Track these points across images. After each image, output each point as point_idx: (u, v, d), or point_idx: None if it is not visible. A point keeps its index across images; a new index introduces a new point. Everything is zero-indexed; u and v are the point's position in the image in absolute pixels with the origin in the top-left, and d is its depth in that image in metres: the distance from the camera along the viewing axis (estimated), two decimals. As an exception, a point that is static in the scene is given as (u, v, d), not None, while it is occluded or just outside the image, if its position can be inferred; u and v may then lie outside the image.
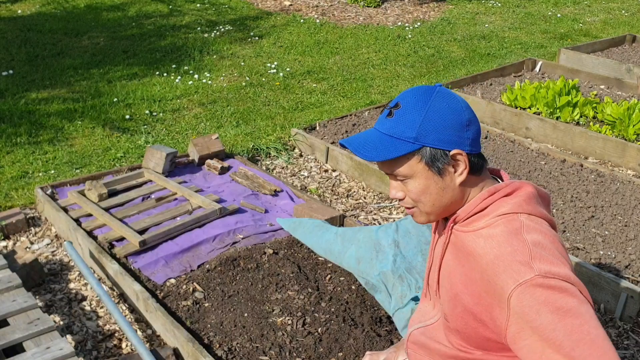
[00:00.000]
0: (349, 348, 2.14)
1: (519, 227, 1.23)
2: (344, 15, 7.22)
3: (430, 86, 1.30)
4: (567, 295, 1.13)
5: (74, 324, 2.33)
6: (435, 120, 1.25)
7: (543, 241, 1.21)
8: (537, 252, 1.18)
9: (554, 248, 1.22)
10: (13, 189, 3.19)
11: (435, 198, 1.30)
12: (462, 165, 1.26)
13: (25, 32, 5.88)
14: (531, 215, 1.26)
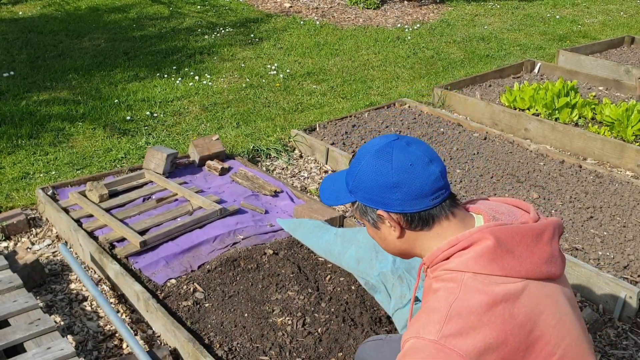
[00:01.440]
0: (349, 348, 2.15)
1: (456, 288, 1.22)
2: (343, 17, 7.24)
3: (388, 139, 1.34)
4: None
5: (74, 324, 2.34)
6: (362, 179, 1.32)
7: (469, 309, 1.19)
8: (453, 318, 1.18)
9: (479, 317, 1.18)
10: (14, 190, 3.20)
11: (383, 245, 1.39)
12: (389, 224, 1.32)
13: (27, 33, 5.90)
14: (477, 274, 1.23)
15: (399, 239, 1.34)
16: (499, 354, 1.17)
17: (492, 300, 1.20)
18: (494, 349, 1.16)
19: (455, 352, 1.14)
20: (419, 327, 1.20)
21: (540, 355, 1.21)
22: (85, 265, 2.70)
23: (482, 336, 1.16)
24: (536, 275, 1.26)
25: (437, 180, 1.30)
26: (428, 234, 1.32)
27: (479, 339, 1.16)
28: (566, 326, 1.27)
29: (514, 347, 1.18)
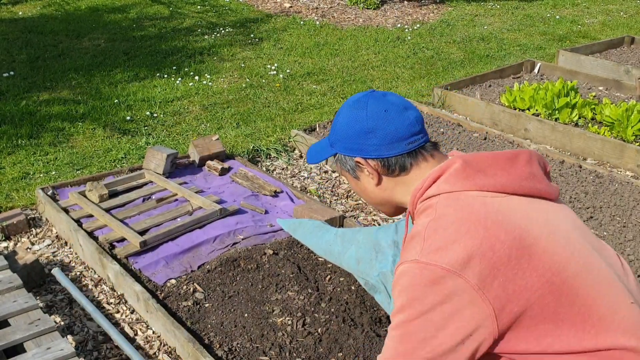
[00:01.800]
0: (349, 348, 2.15)
1: (431, 211, 1.21)
2: (343, 17, 7.24)
3: (363, 93, 1.39)
4: (430, 290, 1.11)
5: (74, 325, 2.34)
6: (339, 129, 1.37)
7: (445, 224, 1.16)
8: (430, 235, 1.16)
9: (456, 228, 1.14)
10: (14, 190, 3.20)
11: (364, 196, 1.42)
12: (366, 171, 1.35)
13: (27, 33, 5.90)
14: (451, 193, 1.21)
15: (377, 186, 1.36)
16: (487, 262, 1.11)
17: (469, 211, 1.17)
18: (480, 256, 1.11)
19: (438, 267, 1.12)
20: (403, 256, 1.19)
21: (541, 263, 1.13)
22: (85, 266, 2.70)
23: (462, 246, 1.12)
24: (517, 190, 1.22)
25: (412, 125, 1.31)
26: (406, 178, 1.33)
27: (461, 249, 1.12)
28: (570, 242, 1.19)
29: (504, 254, 1.12)
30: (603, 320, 1.14)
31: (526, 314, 1.11)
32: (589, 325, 1.13)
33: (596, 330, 1.13)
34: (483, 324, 1.11)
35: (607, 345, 1.13)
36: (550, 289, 1.12)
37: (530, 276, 1.11)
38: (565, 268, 1.14)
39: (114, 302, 2.47)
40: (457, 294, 1.10)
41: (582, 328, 1.13)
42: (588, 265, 1.17)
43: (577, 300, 1.13)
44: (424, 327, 1.11)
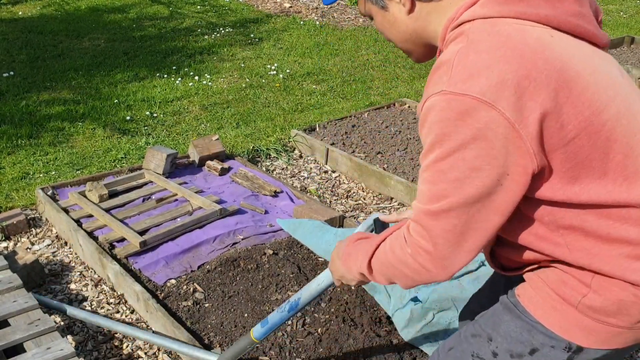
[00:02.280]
0: (349, 348, 2.15)
1: (463, 38, 1.05)
2: (343, 17, 7.24)
3: None
4: (461, 124, 0.98)
5: (74, 325, 2.34)
6: None
7: (478, 49, 1.01)
8: (460, 62, 1.01)
9: (490, 54, 1.00)
10: (14, 190, 3.20)
11: (392, 32, 1.23)
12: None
13: (26, 33, 5.90)
14: (486, 19, 1.06)
15: (409, 14, 1.17)
16: (520, 89, 0.97)
17: (505, 37, 1.02)
18: (514, 84, 0.97)
19: (469, 96, 0.98)
20: (428, 91, 1.05)
21: (581, 100, 1.01)
22: (85, 266, 2.70)
23: (497, 73, 0.98)
24: (562, 25, 1.06)
25: None
26: (441, 4, 1.13)
27: (494, 76, 0.98)
28: (615, 85, 1.06)
29: (541, 83, 0.98)
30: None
31: (558, 155, 1.01)
32: (623, 176, 1.03)
33: (629, 182, 1.03)
34: (521, 163, 0.99)
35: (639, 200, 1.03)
36: (587, 129, 1.00)
37: (567, 112, 0.99)
38: (606, 109, 1.02)
39: (113, 302, 2.47)
40: (490, 128, 0.97)
41: (615, 178, 1.03)
42: (632, 112, 1.06)
43: (614, 147, 1.02)
44: (456, 165, 1.00)
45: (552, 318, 1.13)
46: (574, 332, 1.13)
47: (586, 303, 1.10)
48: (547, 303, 1.14)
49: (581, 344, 1.13)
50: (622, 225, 1.05)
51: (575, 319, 1.12)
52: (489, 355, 1.22)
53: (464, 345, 1.27)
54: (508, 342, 1.19)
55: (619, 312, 1.08)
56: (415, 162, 3.60)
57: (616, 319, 1.09)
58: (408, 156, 3.68)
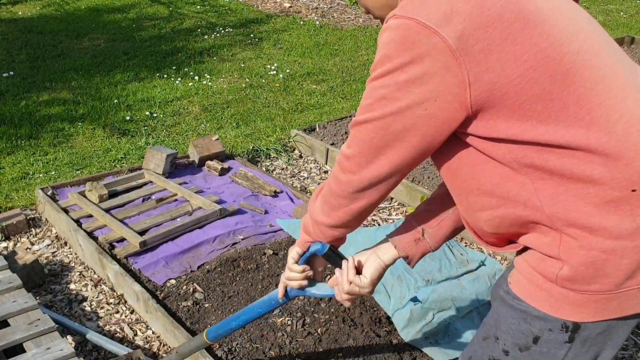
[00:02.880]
0: (349, 348, 2.15)
1: None
2: (343, 17, 7.24)
3: None
4: (402, 47, 0.99)
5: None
6: None
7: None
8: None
9: None
10: (14, 190, 3.20)
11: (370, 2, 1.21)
12: None
13: (26, 33, 5.90)
14: None
15: None
16: (472, 20, 0.97)
17: None
18: (466, 14, 0.97)
19: (413, 20, 0.98)
20: None
21: (537, 31, 0.98)
22: (84, 266, 2.70)
23: (449, 0, 0.98)
24: None
25: None
26: None
27: (445, 3, 0.98)
28: (579, 23, 1.04)
29: (495, 13, 0.97)
30: (603, 107, 0.99)
31: (510, 88, 0.98)
32: (584, 111, 0.99)
33: (591, 118, 0.99)
34: (452, 92, 0.99)
35: (602, 141, 0.98)
36: (543, 61, 0.97)
37: (521, 43, 0.97)
38: (567, 42, 0.99)
39: (113, 302, 2.47)
40: (430, 55, 0.98)
41: (575, 113, 0.99)
42: (595, 48, 1.02)
43: (575, 81, 0.98)
44: (386, 84, 1.03)
45: (541, 298, 1.11)
46: (564, 310, 1.09)
47: (562, 276, 1.06)
48: (532, 283, 1.11)
49: (575, 320, 1.09)
50: (586, 164, 0.99)
51: (561, 295, 1.08)
52: (502, 355, 1.21)
53: (480, 351, 1.26)
54: (512, 336, 1.18)
55: (596, 275, 1.03)
56: (415, 162, 3.60)
57: (598, 285, 1.04)
58: (408, 156, 3.68)
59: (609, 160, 0.98)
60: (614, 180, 0.98)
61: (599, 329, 1.10)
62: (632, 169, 0.98)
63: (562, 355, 1.13)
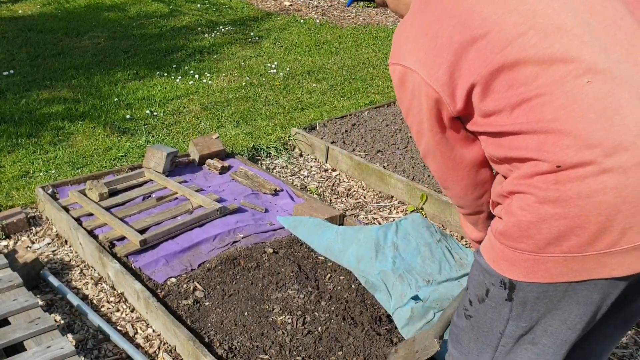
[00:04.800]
0: (349, 347, 2.15)
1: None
2: (343, 16, 7.24)
3: None
4: (402, 89, 1.26)
5: (74, 323, 2.34)
6: None
7: (405, 18, 1.26)
8: (395, 34, 1.27)
9: (409, 22, 1.24)
10: (14, 189, 3.20)
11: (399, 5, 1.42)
12: None
13: (26, 32, 5.89)
14: None
15: None
16: (431, 52, 1.18)
17: (424, 4, 1.23)
18: (426, 49, 1.19)
19: (397, 65, 1.25)
20: None
21: (483, 46, 1.14)
22: (85, 264, 2.70)
23: (412, 40, 1.23)
24: None
25: None
26: None
27: (410, 44, 1.23)
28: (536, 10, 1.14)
29: (446, 41, 1.17)
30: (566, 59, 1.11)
31: (476, 90, 1.17)
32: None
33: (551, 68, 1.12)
34: (440, 107, 1.23)
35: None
36: (491, 68, 1.14)
37: (473, 58, 1.15)
38: (508, 46, 1.13)
39: (114, 301, 2.47)
40: (416, 88, 1.22)
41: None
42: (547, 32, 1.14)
43: (521, 79, 1.13)
44: (412, 121, 1.31)
45: (488, 253, 1.26)
46: (501, 264, 1.22)
47: (498, 230, 1.21)
48: (487, 240, 1.27)
49: (510, 276, 1.21)
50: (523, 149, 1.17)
51: (500, 251, 1.21)
52: (468, 305, 1.37)
53: (461, 303, 1.43)
54: (474, 286, 1.33)
55: (521, 235, 1.15)
56: (416, 161, 3.60)
57: (523, 244, 1.16)
58: (408, 154, 3.68)
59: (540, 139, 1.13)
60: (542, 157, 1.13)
61: (535, 292, 1.20)
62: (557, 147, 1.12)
63: (507, 314, 1.26)
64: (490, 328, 1.32)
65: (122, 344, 2.18)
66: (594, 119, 1.06)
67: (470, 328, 1.38)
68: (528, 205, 1.14)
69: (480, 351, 1.38)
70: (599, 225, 1.08)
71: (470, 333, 1.39)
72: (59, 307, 2.42)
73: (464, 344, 1.42)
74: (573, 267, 1.13)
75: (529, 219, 1.14)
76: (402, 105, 1.30)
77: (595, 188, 1.06)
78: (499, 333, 1.31)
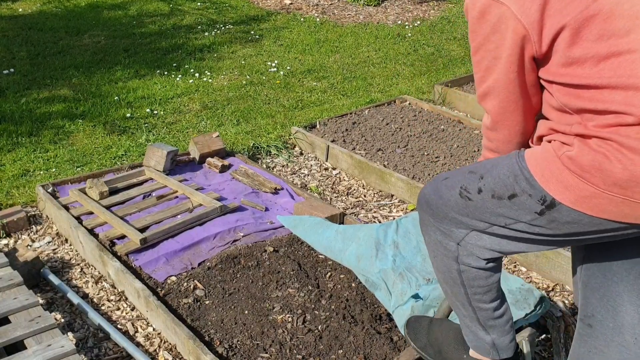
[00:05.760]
0: (349, 345, 2.15)
1: None
2: (344, 14, 7.23)
3: None
4: (481, 21, 1.25)
5: (75, 322, 2.34)
6: None
7: None
8: None
9: None
10: (14, 187, 3.20)
11: None
12: None
13: (26, 30, 5.89)
14: None
15: None
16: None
17: None
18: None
19: None
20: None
21: None
22: (85, 263, 2.70)
23: None
24: None
25: None
26: None
27: None
28: None
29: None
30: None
31: (568, 30, 1.16)
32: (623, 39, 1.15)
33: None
34: (525, 45, 1.22)
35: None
36: (587, 13, 1.15)
37: (568, 0, 1.16)
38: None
39: (114, 300, 2.47)
40: (502, 22, 1.21)
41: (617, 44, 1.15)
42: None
43: (613, 29, 1.14)
44: (484, 56, 1.29)
45: (539, 167, 1.26)
46: (552, 184, 1.23)
47: (567, 154, 1.22)
48: (541, 155, 1.28)
49: (555, 197, 1.22)
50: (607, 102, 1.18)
51: (558, 170, 1.23)
52: (474, 191, 1.37)
53: (459, 178, 1.42)
54: (495, 182, 1.33)
55: (592, 167, 1.17)
56: (416, 159, 3.60)
57: (590, 174, 1.18)
58: (409, 153, 3.68)
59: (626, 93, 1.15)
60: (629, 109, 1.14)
61: (571, 217, 1.23)
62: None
63: (526, 219, 1.30)
64: (495, 217, 1.34)
65: (122, 343, 2.18)
66: None
67: (464, 206, 1.39)
68: (608, 146, 1.16)
69: (457, 224, 1.42)
70: None
71: (457, 207, 1.41)
72: (59, 306, 2.43)
73: (441, 209, 1.44)
74: (624, 210, 1.17)
75: (606, 157, 1.16)
76: (476, 38, 1.28)
77: None
78: (503, 223, 1.35)
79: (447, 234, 1.46)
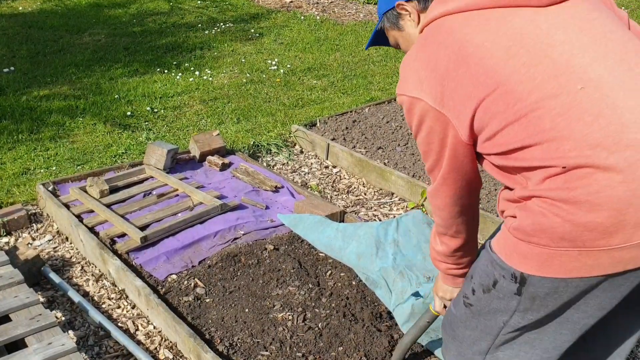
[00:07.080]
0: (349, 343, 2.15)
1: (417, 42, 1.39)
2: (344, 12, 7.22)
3: None
4: (410, 115, 1.36)
5: (75, 320, 2.35)
6: (379, 2, 1.55)
7: (409, 53, 1.37)
8: (401, 68, 1.37)
9: (412, 57, 1.35)
10: (15, 186, 3.20)
11: (408, 46, 1.55)
12: (408, 11, 1.48)
13: (27, 29, 5.89)
14: (436, 19, 1.33)
15: (418, 26, 1.48)
16: (433, 81, 1.29)
17: (424, 39, 1.35)
18: (427, 79, 1.30)
19: (405, 96, 1.35)
20: None
21: (476, 68, 1.22)
22: (86, 261, 2.70)
23: (415, 72, 1.32)
24: (486, 4, 1.27)
25: None
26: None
27: (415, 76, 1.33)
28: (522, 41, 1.21)
29: (443, 68, 1.27)
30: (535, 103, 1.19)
31: (477, 115, 1.25)
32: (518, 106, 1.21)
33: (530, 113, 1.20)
34: (449, 132, 1.31)
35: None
36: (486, 91, 1.22)
37: (468, 83, 1.24)
38: (501, 68, 1.20)
39: (114, 298, 2.47)
40: (426, 114, 1.32)
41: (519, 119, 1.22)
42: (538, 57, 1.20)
43: (516, 96, 1.19)
44: (421, 143, 1.39)
45: (500, 246, 1.30)
46: (514, 258, 1.25)
47: (512, 225, 1.26)
48: (501, 234, 1.32)
49: (521, 269, 1.24)
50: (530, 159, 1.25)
51: (513, 243, 1.25)
52: (469, 293, 1.41)
53: (463, 288, 1.48)
54: (480, 276, 1.37)
55: (535, 229, 1.20)
56: (416, 158, 3.60)
57: (536, 237, 1.20)
58: (409, 151, 3.68)
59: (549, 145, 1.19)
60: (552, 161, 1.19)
61: (546, 288, 1.23)
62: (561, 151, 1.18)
63: (514, 306, 1.30)
64: (494, 317, 1.36)
65: (123, 341, 2.18)
66: (590, 121, 1.12)
67: (470, 316, 1.42)
68: (543, 203, 1.19)
69: (476, 339, 1.42)
70: (612, 219, 1.11)
71: (467, 321, 1.43)
72: (60, 304, 2.43)
73: (458, 332, 1.47)
74: (587, 262, 1.16)
75: (544, 215, 1.18)
76: (411, 127, 1.40)
77: (603, 184, 1.10)
78: (501, 322, 1.35)
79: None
